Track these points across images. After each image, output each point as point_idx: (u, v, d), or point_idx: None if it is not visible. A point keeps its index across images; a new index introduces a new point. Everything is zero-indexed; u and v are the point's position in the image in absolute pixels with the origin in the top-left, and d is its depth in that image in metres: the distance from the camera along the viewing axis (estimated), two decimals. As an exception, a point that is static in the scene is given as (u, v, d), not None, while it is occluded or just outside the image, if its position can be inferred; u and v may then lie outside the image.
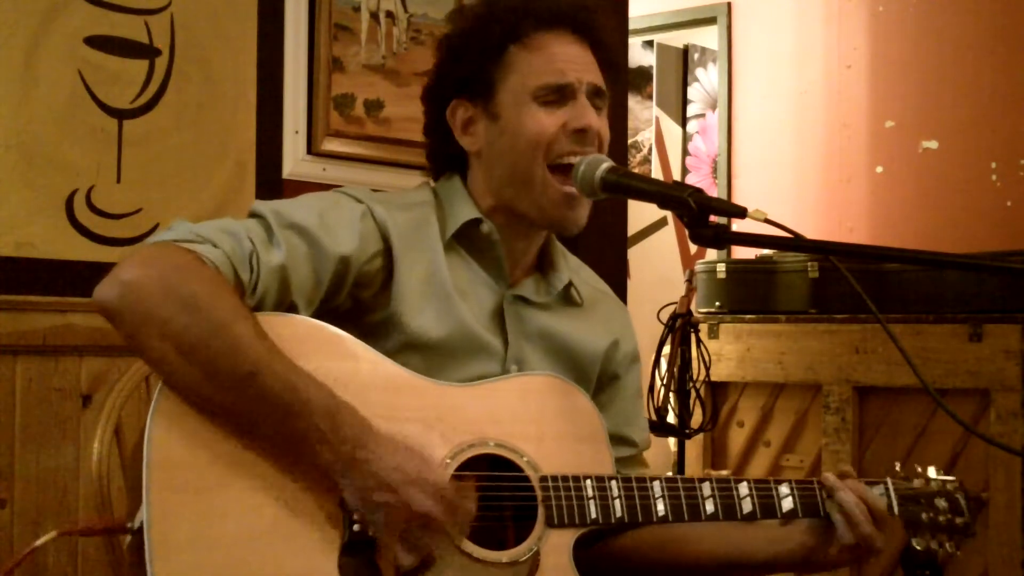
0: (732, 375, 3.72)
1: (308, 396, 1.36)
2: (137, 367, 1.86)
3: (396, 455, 1.37)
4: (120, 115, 2.36)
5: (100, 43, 2.33)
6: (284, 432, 1.36)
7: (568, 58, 1.62)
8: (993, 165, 4.09)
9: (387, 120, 2.83)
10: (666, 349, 3.40)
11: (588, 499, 1.51)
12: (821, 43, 4.55)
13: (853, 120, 4.46)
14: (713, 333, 3.73)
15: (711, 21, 4.87)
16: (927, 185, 4.25)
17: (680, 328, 3.41)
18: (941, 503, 1.71)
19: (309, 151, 2.69)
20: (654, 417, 3.25)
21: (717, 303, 3.79)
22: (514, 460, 1.51)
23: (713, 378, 3.53)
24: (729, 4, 4.80)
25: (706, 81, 4.99)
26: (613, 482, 1.53)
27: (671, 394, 3.37)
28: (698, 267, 3.83)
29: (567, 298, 1.72)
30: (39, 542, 1.47)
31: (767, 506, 1.59)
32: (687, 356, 3.41)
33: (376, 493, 1.35)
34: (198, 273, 1.38)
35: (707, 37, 4.96)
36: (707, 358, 3.45)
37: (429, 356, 1.55)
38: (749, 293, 3.75)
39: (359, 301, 1.55)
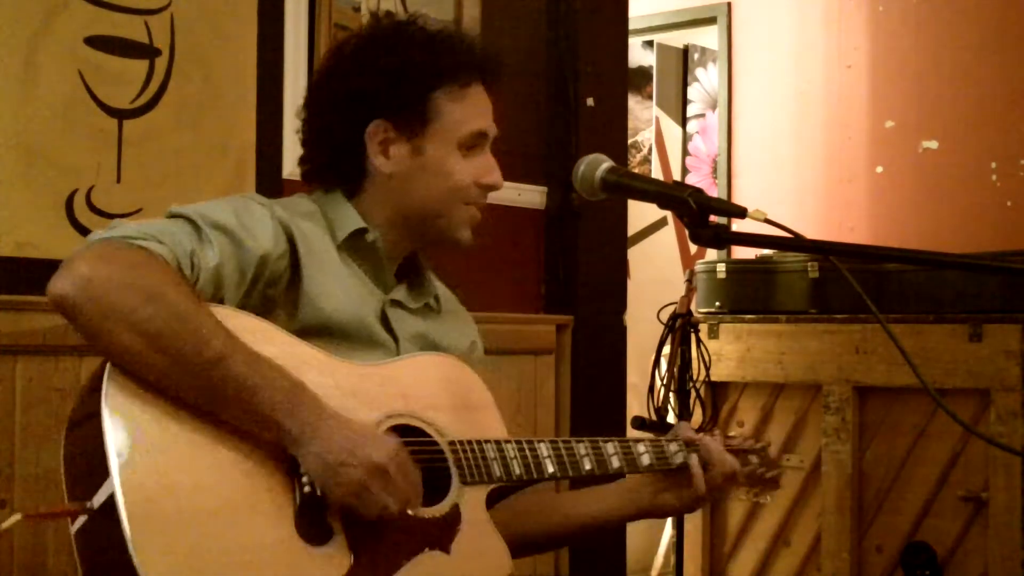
0: (732, 375, 3.72)
1: (271, 376, 1.46)
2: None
3: (349, 424, 1.50)
4: (120, 115, 2.36)
5: (100, 43, 2.33)
6: (249, 410, 1.44)
7: (485, 108, 1.78)
8: (993, 165, 4.09)
9: (387, 120, 2.83)
10: (666, 349, 3.40)
11: (491, 460, 1.67)
12: (821, 43, 4.56)
13: (853, 120, 4.46)
14: (713, 333, 3.73)
15: (711, 21, 4.87)
16: (927, 185, 4.25)
17: (680, 328, 3.41)
18: (754, 459, 1.98)
19: (309, 151, 2.69)
20: (654, 417, 3.25)
21: (717, 303, 3.79)
22: (424, 428, 1.65)
23: (713, 378, 3.53)
24: (729, 4, 4.80)
25: (706, 81, 4.99)
26: (508, 444, 1.70)
27: (671, 394, 3.37)
28: (698, 267, 3.83)
29: (427, 305, 1.85)
30: (3, 526, 1.51)
31: (631, 462, 1.82)
32: (687, 356, 3.41)
33: (337, 455, 1.46)
34: (153, 266, 1.46)
35: (707, 37, 4.96)
36: (707, 358, 3.45)
37: (334, 341, 1.64)
38: (749, 293, 3.75)
39: (268, 298, 1.63)
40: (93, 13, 2.32)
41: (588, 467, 1.77)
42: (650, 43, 5.06)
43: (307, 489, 1.48)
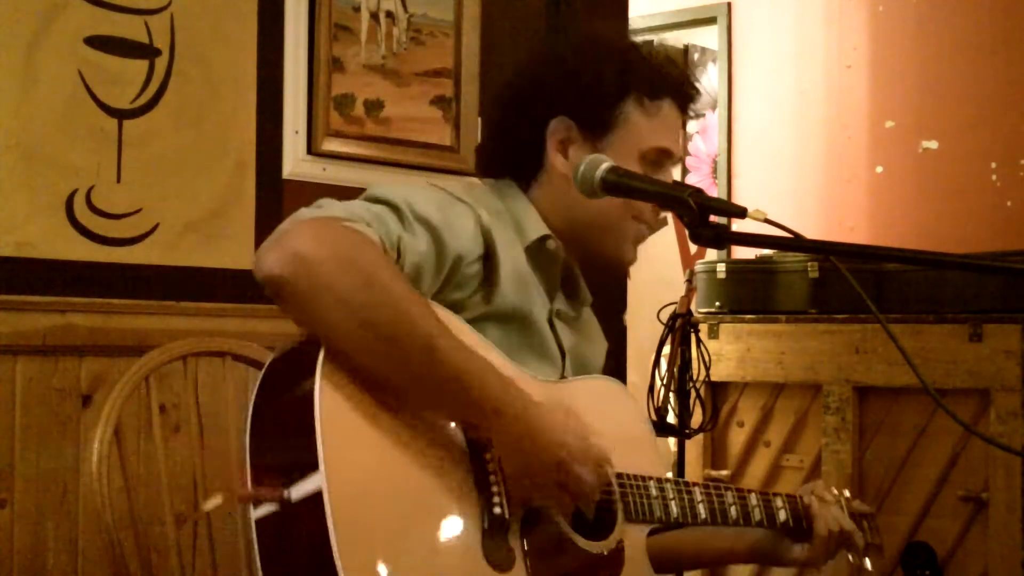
0: (732, 375, 3.72)
1: (482, 369, 1.42)
2: (137, 367, 1.86)
3: (564, 428, 1.46)
4: (120, 115, 2.36)
5: (100, 43, 2.33)
6: (457, 403, 1.43)
7: (675, 128, 1.73)
8: (993, 165, 4.09)
9: (387, 120, 2.83)
10: (666, 349, 3.40)
11: (654, 499, 1.64)
12: (821, 43, 4.55)
13: (853, 120, 4.46)
14: (713, 333, 3.73)
15: (711, 21, 4.87)
16: (927, 185, 4.25)
17: (680, 328, 3.40)
18: (865, 524, 1.95)
19: (309, 151, 2.69)
20: (654, 417, 3.25)
21: (717, 303, 3.79)
22: None
23: (713, 378, 3.52)
24: (729, 4, 4.80)
25: (706, 81, 4.99)
26: (668, 484, 1.67)
27: (671, 394, 3.37)
28: (698, 267, 3.83)
29: (576, 317, 1.81)
30: (208, 506, 1.56)
31: (770, 516, 1.82)
32: (687, 356, 3.40)
33: (541, 470, 1.44)
34: (368, 249, 1.41)
35: (707, 37, 4.96)
36: (707, 358, 3.44)
37: (516, 332, 1.62)
38: (749, 293, 3.75)
39: (455, 301, 1.58)
40: (93, 13, 2.32)
41: (734, 516, 1.76)
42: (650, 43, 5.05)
43: (497, 511, 1.45)
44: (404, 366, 1.39)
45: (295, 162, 2.67)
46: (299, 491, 1.32)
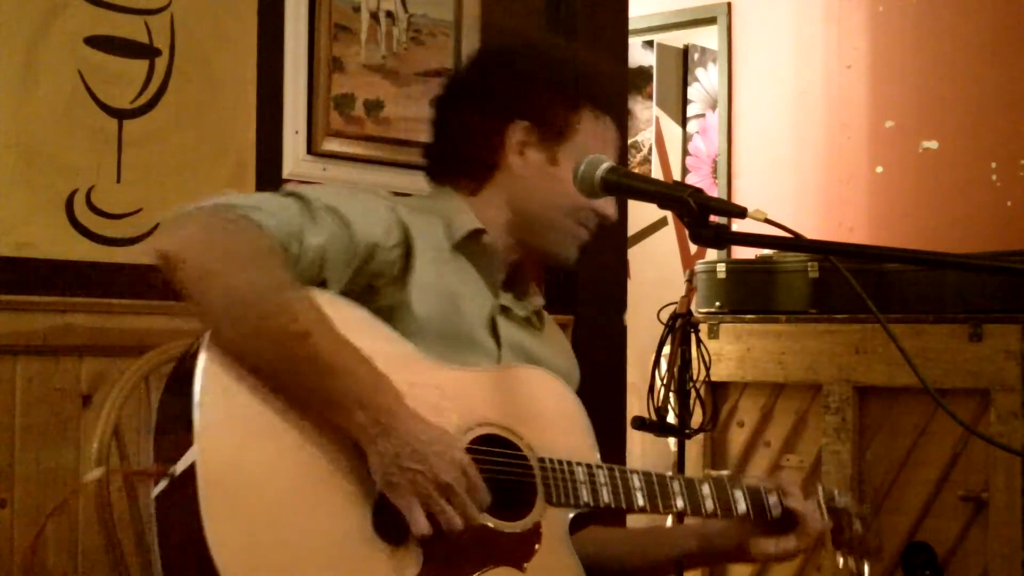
0: (732, 375, 3.72)
1: (354, 363, 1.45)
2: (137, 367, 1.86)
3: (425, 430, 1.46)
4: (120, 115, 2.36)
5: (100, 43, 2.33)
6: (324, 393, 1.44)
7: (614, 143, 1.80)
8: (993, 165, 4.09)
9: (387, 120, 2.83)
10: (666, 349, 3.40)
11: (580, 483, 1.62)
12: (821, 43, 4.55)
13: (853, 120, 4.46)
14: (713, 333, 3.73)
15: (711, 21, 4.87)
16: (927, 185, 4.25)
17: (680, 328, 3.40)
18: (858, 523, 1.88)
19: (309, 151, 2.69)
20: (654, 417, 3.25)
21: (717, 303, 3.79)
22: (515, 441, 1.61)
23: (713, 378, 3.53)
24: (729, 4, 4.80)
25: (706, 81, 4.99)
26: (600, 471, 1.65)
27: (671, 394, 3.37)
28: (698, 267, 3.83)
29: (529, 320, 1.83)
30: (87, 478, 1.60)
31: (725, 506, 1.75)
32: (687, 356, 3.41)
33: (405, 460, 1.43)
34: (255, 236, 1.47)
35: (707, 37, 4.96)
36: (707, 358, 3.44)
37: (428, 342, 1.62)
38: (749, 293, 3.75)
39: (372, 287, 1.62)
40: (93, 13, 2.32)
41: (680, 505, 1.71)
42: (650, 43, 5.05)
43: None
44: (271, 351, 1.43)
45: (295, 162, 2.67)
46: (181, 465, 1.37)
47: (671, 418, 3.34)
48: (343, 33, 2.75)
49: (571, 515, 1.63)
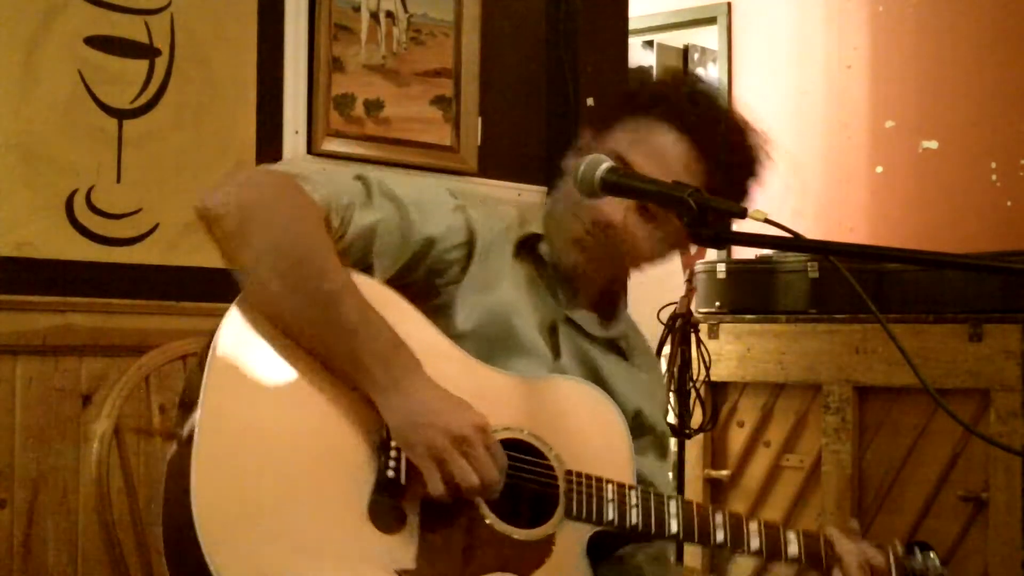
0: (732, 375, 3.72)
1: (376, 326, 1.44)
2: (137, 367, 1.86)
3: (445, 395, 1.45)
4: (120, 115, 2.36)
5: (100, 43, 2.33)
6: (346, 351, 1.42)
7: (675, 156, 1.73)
8: (993, 165, 4.09)
9: (387, 120, 2.83)
10: (666, 349, 3.40)
11: (607, 501, 1.55)
12: (821, 43, 4.56)
13: (853, 120, 4.46)
14: (713, 333, 3.73)
15: (711, 21, 4.87)
16: (927, 185, 4.25)
17: (680, 328, 3.41)
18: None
19: (309, 151, 2.69)
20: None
21: (717, 303, 3.79)
22: (543, 450, 1.55)
23: (713, 378, 3.53)
24: (729, 4, 4.80)
25: (706, 81, 4.98)
26: (632, 492, 1.58)
27: (671, 394, 3.37)
28: (698, 267, 3.83)
29: (614, 346, 1.77)
30: (99, 432, 1.63)
31: (773, 546, 1.64)
32: (687, 356, 3.41)
33: (421, 415, 1.42)
34: (300, 199, 1.48)
35: (707, 37, 4.96)
36: (707, 358, 3.45)
37: (472, 346, 1.59)
38: (749, 293, 3.75)
39: (430, 284, 1.62)
40: (93, 13, 2.32)
41: (720, 539, 1.60)
42: (650, 43, 5.05)
43: (391, 474, 1.42)
44: (303, 309, 1.42)
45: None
46: (186, 429, 1.37)
47: (671, 418, 3.34)
48: (343, 33, 2.75)
49: (591, 532, 1.55)
